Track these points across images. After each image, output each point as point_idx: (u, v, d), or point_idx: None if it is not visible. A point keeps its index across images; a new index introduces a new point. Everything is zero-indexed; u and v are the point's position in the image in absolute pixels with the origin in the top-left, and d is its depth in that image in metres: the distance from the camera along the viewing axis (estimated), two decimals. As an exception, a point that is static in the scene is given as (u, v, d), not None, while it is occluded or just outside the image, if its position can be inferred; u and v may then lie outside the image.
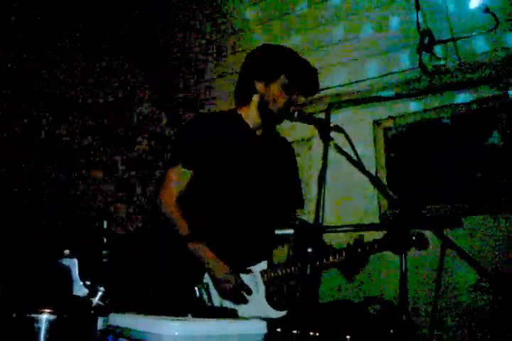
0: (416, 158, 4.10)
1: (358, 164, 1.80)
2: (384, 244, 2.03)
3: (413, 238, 1.87)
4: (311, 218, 1.82)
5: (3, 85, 3.66)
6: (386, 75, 4.03)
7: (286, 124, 2.50)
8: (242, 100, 2.42)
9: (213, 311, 2.00)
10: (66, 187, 3.95)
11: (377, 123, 4.23)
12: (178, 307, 1.98)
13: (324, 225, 1.61)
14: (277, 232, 2.39)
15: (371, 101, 4.13)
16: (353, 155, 1.81)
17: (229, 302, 2.11)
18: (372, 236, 2.11)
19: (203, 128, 2.33)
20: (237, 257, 2.20)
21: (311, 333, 1.63)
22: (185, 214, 2.23)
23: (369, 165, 2.69)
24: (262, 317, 2.00)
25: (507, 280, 3.29)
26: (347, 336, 1.69)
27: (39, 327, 1.36)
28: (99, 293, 1.55)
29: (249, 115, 2.39)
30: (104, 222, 1.75)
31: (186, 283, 2.15)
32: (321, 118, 1.91)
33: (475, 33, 3.57)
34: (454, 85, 3.76)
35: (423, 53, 3.68)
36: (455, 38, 3.64)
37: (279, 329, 1.59)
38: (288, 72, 2.29)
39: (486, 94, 3.70)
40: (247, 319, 1.92)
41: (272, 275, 2.20)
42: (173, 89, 5.06)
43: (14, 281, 1.62)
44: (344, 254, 2.07)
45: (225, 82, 4.71)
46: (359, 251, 2.07)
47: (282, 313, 2.13)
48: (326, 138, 1.78)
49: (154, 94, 5.01)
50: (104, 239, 1.67)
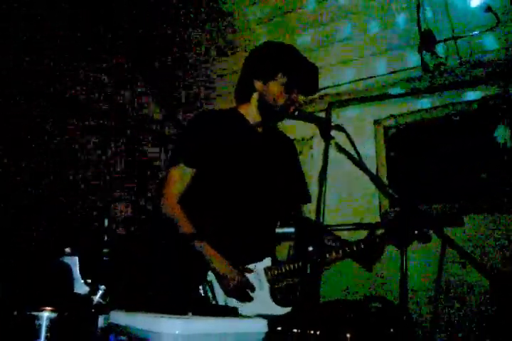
0: (417, 157, 4.09)
1: (358, 163, 1.80)
2: (387, 237, 2.05)
3: (415, 232, 1.87)
4: (312, 217, 1.82)
5: (3, 85, 3.66)
6: (387, 74, 4.03)
7: (287, 123, 2.50)
8: (242, 98, 2.42)
9: (214, 309, 2.01)
10: (67, 186, 3.96)
11: (377, 122, 4.22)
12: (179, 305, 1.99)
13: (325, 224, 1.61)
14: (278, 230, 2.39)
15: (372, 100, 4.13)
16: (353, 154, 1.81)
17: (233, 300, 2.11)
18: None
19: (204, 127, 2.33)
20: (240, 254, 2.20)
21: (311, 332, 1.63)
22: (188, 213, 2.23)
23: (370, 164, 2.69)
24: (267, 315, 2.01)
25: (507, 279, 3.29)
26: (347, 334, 1.69)
27: (40, 325, 1.37)
28: (100, 291, 1.55)
29: (250, 113, 2.39)
30: (105, 221, 1.75)
31: (187, 281, 2.15)
32: (322, 117, 1.91)
33: (476, 32, 3.57)
34: (455, 84, 3.76)
35: (424, 52, 3.68)
36: (456, 37, 3.64)
37: (279, 328, 1.60)
38: (285, 70, 2.28)
39: (487, 92, 3.70)
40: (248, 317, 1.92)
41: (276, 273, 2.21)
42: (174, 88, 5.06)
43: (15, 279, 1.62)
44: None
45: (226, 81, 4.72)
46: (362, 245, 2.10)
47: (287, 310, 2.13)
48: (326, 137, 1.78)
49: (154, 93, 5.01)
50: (105, 238, 1.68)
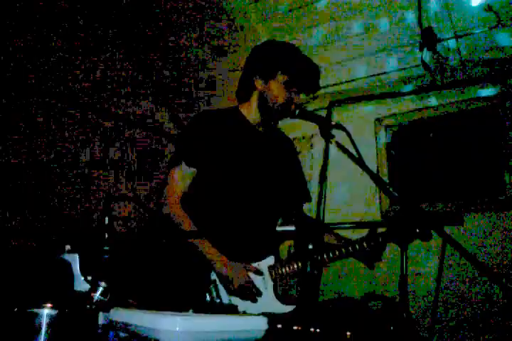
0: (417, 156, 4.10)
1: (359, 162, 1.80)
2: (388, 236, 2.06)
3: (416, 230, 1.88)
4: (312, 215, 1.82)
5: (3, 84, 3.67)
6: (387, 73, 4.03)
7: (288, 121, 2.50)
8: (243, 97, 2.42)
9: (214, 307, 2.01)
10: (67, 183, 3.96)
11: (378, 120, 4.23)
12: (180, 302, 1.99)
13: (326, 222, 1.62)
14: (279, 229, 2.39)
15: (372, 98, 4.13)
16: (354, 152, 1.81)
17: (237, 299, 2.12)
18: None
19: (205, 126, 2.33)
20: (243, 253, 2.20)
21: (312, 329, 1.63)
22: (190, 212, 2.23)
23: (370, 163, 2.70)
24: (271, 313, 2.02)
25: (507, 278, 3.29)
26: (347, 332, 1.70)
27: (40, 322, 1.37)
28: (100, 289, 1.55)
29: (250, 112, 2.39)
30: (106, 218, 1.75)
31: (188, 279, 2.16)
32: (322, 115, 1.90)
33: (477, 31, 3.57)
34: (456, 83, 3.76)
35: (425, 51, 3.68)
36: (457, 36, 3.64)
37: (279, 326, 1.60)
38: (285, 69, 2.27)
39: (488, 91, 3.70)
40: (248, 314, 1.93)
41: (280, 271, 2.21)
42: (174, 87, 5.06)
43: (15, 276, 1.63)
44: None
45: (227, 79, 4.71)
46: (365, 244, 2.12)
47: (291, 308, 2.14)
48: (327, 136, 1.78)
49: (155, 91, 5.01)
50: (105, 235, 1.68)
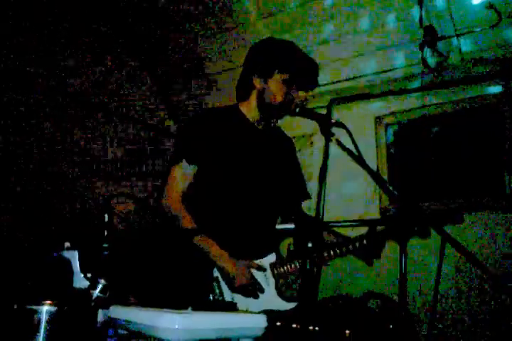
0: (417, 154, 4.10)
1: (359, 160, 1.80)
2: (387, 234, 2.07)
3: (415, 228, 1.88)
4: (312, 213, 1.82)
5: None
6: (388, 71, 4.03)
7: (288, 119, 2.49)
8: (242, 96, 2.42)
9: (213, 304, 2.01)
10: (68, 180, 3.96)
11: (378, 118, 4.22)
12: (179, 300, 1.99)
13: (325, 220, 1.62)
14: (279, 227, 2.39)
15: (373, 97, 4.13)
16: (354, 150, 1.81)
17: (240, 296, 2.12)
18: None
19: (204, 124, 2.33)
20: (245, 250, 2.20)
21: (311, 327, 1.64)
22: (191, 210, 2.23)
23: (370, 161, 2.69)
24: (273, 310, 2.04)
25: (507, 277, 3.30)
26: (346, 330, 1.70)
27: (40, 319, 1.37)
28: (100, 286, 1.56)
29: (250, 110, 2.39)
30: (105, 216, 1.75)
31: (188, 276, 2.16)
32: (323, 113, 1.90)
33: (478, 29, 3.56)
34: (456, 81, 3.76)
35: (425, 49, 3.67)
36: (458, 34, 3.63)
37: (278, 323, 1.60)
38: (282, 67, 2.27)
39: (488, 90, 3.69)
40: (248, 312, 1.93)
41: (281, 268, 2.22)
42: (175, 83, 5.06)
43: (15, 273, 1.63)
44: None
45: (227, 76, 4.71)
46: (364, 242, 2.12)
47: (293, 305, 2.14)
48: (327, 134, 1.77)
49: (156, 89, 5.01)
50: (105, 232, 1.68)
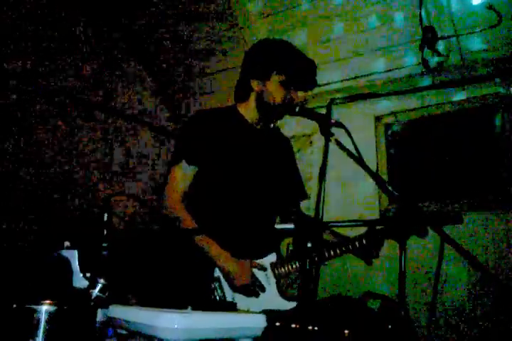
0: (417, 154, 4.10)
1: (358, 160, 1.80)
2: (386, 234, 2.08)
3: (414, 228, 1.88)
4: (311, 214, 1.83)
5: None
6: (387, 71, 4.03)
7: (287, 119, 2.50)
8: (241, 97, 2.43)
9: (213, 304, 2.02)
10: (67, 179, 3.96)
11: (378, 119, 4.23)
12: (178, 300, 1.99)
13: (325, 220, 1.62)
14: (278, 227, 2.40)
15: (372, 97, 4.13)
16: (353, 150, 1.81)
17: (241, 295, 2.12)
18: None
19: (204, 125, 2.34)
20: (245, 250, 2.21)
21: (310, 327, 1.63)
22: (191, 210, 2.24)
23: (370, 161, 2.69)
24: (274, 309, 2.04)
25: (506, 277, 3.30)
26: (345, 330, 1.70)
27: (39, 318, 1.37)
28: (99, 285, 1.56)
29: (248, 112, 2.40)
30: (105, 215, 1.75)
31: (188, 276, 2.16)
32: (322, 113, 1.90)
33: (478, 30, 3.56)
34: (456, 82, 3.76)
35: (425, 49, 3.68)
36: (458, 35, 3.64)
37: (278, 323, 1.60)
38: (280, 69, 2.28)
39: (488, 90, 3.70)
40: (248, 312, 1.93)
41: (282, 268, 2.22)
42: (175, 83, 5.06)
43: (14, 273, 1.63)
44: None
45: (227, 76, 4.71)
46: (364, 241, 2.13)
47: (294, 304, 2.15)
48: (326, 134, 1.78)
49: (156, 88, 5.01)
50: (105, 232, 1.68)
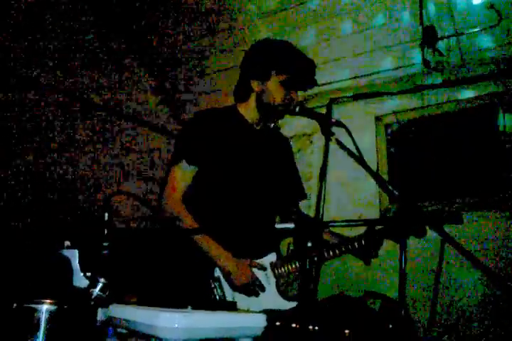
0: (417, 154, 4.09)
1: (359, 159, 1.80)
2: (386, 233, 2.08)
3: (413, 228, 1.88)
4: (311, 213, 1.83)
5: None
6: (388, 71, 4.03)
7: (288, 119, 2.50)
8: (241, 97, 2.43)
9: (213, 304, 2.02)
10: (68, 179, 3.96)
11: (378, 118, 4.22)
12: (178, 299, 1.99)
13: (325, 220, 1.62)
14: (278, 227, 2.40)
15: (373, 96, 4.12)
16: (354, 150, 1.81)
17: (241, 295, 2.12)
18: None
19: (204, 125, 2.34)
20: (245, 250, 2.21)
21: (310, 327, 1.64)
22: (191, 210, 2.24)
23: (370, 161, 2.69)
24: (274, 309, 2.05)
25: (507, 277, 3.29)
26: (346, 330, 1.70)
27: (39, 318, 1.37)
28: (100, 284, 1.56)
29: (248, 112, 2.40)
30: (105, 214, 1.75)
31: (188, 275, 2.16)
32: (323, 113, 1.90)
33: (478, 29, 3.56)
34: (456, 81, 3.76)
35: (426, 49, 3.67)
36: (458, 34, 3.63)
37: (278, 323, 1.60)
38: (279, 69, 2.28)
39: (489, 90, 3.69)
40: (248, 312, 1.93)
41: (282, 267, 2.23)
42: (175, 83, 5.06)
43: (15, 272, 1.63)
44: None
45: (227, 76, 4.71)
46: (363, 241, 2.14)
47: (294, 304, 2.15)
48: (327, 133, 1.78)
49: (156, 88, 5.01)
50: (105, 231, 1.68)
